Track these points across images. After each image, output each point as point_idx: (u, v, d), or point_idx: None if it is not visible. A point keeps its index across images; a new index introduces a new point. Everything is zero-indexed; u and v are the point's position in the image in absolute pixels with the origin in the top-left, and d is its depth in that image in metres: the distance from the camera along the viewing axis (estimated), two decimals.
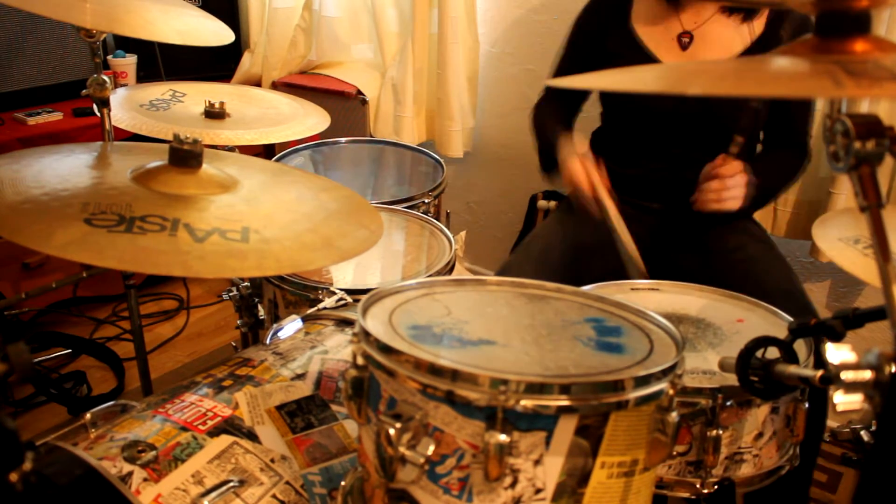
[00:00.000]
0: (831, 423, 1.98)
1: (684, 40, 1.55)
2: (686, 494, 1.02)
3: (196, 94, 1.65)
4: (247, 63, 2.80)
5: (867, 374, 0.62)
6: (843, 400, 0.63)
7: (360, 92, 2.54)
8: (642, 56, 1.59)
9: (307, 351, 1.05)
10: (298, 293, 1.33)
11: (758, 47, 1.50)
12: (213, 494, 0.81)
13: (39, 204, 0.88)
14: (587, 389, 0.66)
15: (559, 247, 1.58)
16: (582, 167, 1.47)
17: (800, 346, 1.03)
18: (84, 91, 1.44)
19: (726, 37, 1.53)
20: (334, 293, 1.25)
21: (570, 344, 0.76)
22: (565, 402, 0.65)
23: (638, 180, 1.66)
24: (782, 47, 0.68)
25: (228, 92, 1.72)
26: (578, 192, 1.47)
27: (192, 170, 1.00)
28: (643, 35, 1.60)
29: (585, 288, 1.17)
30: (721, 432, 0.99)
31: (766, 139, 1.62)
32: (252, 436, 0.89)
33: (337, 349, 1.06)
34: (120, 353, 2.24)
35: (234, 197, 1.00)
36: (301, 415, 0.94)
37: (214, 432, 0.88)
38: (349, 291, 1.26)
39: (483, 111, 2.55)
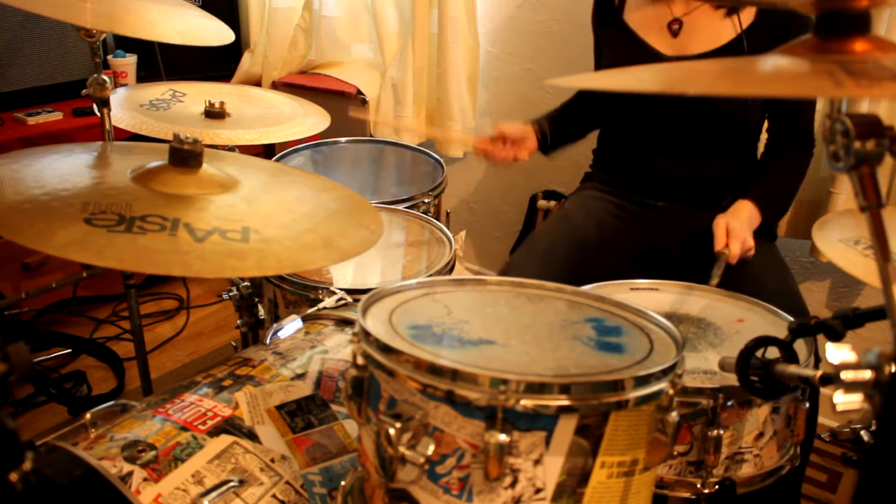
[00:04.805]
0: (831, 423, 1.98)
1: (674, 27, 1.58)
2: (686, 494, 1.02)
3: (196, 94, 1.65)
4: (247, 63, 2.80)
5: (867, 374, 0.62)
6: (843, 400, 0.63)
7: (360, 92, 2.54)
8: (635, 44, 1.61)
9: (307, 351, 1.05)
10: (298, 293, 1.33)
11: (745, 38, 1.51)
12: (213, 494, 0.81)
13: (39, 204, 0.88)
14: (587, 389, 0.66)
15: (562, 245, 1.59)
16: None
17: (800, 346, 1.03)
18: (84, 91, 1.44)
19: (714, 26, 1.55)
20: (334, 293, 1.25)
21: (570, 344, 0.76)
22: (565, 402, 0.65)
23: (642, 178, 1.66)
24: (782, 47, 0.68)
25: (228, 92, 1.72)
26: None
27: (192, 170, 1.00)
28: (634, 24, 1.63)
29: (585, 288, 1.17)
30: (722, 432, 0.99)
31: (770, 134, 1.63)
32: (252, 436, 0.89)
33: (337, 349, 1.06)
34: (120, 353, 2.24)
35: (234, 197, 1.00)
36: (301, 415, 0.94)
37: (214, 432, 0.88)
38: (349, 291, 1.26)
39: (483, 111, 2.55)
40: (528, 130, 1.70)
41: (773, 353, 0.90)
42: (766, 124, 1.64)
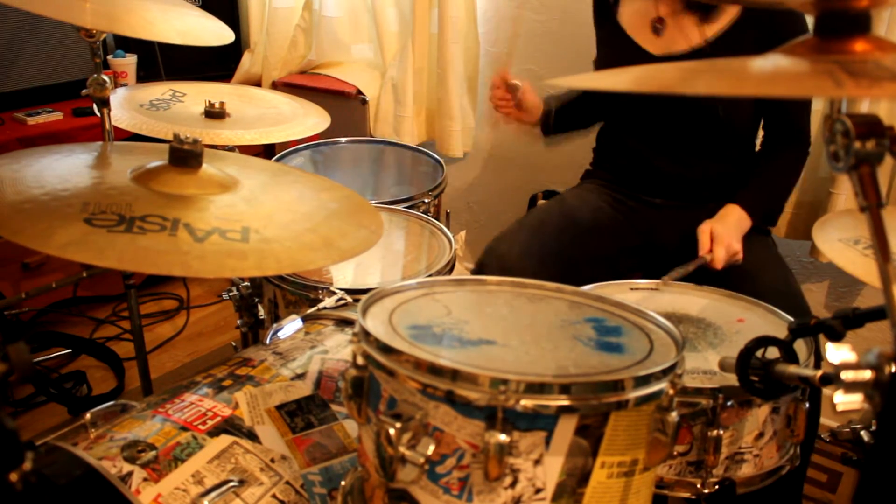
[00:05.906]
0: (831, 423, 1.98)
1: (657, 26, 1.59)
2: (686, 494, 1.02)
3: (196, 94, 1.65)
4: (247, 63, 2.80)
5: (867, 374, 0.62)
6: (843, 400, 0.63)
7: (360, 92, 2.54)
8: (624, 42, 1.62)
9: (307, 351, 1.05)
10: (298, 293, 1.33)
11: (709, 49, 1.53)
12: (213, 494, 0.81)
13: (39, 204, 0.88)
14: (587, 389, 0.66)
15: (555, 220, 1.61)
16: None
17: (800, 346, 1.04)
18: (84, 91, 1.44)
19: (686, 30, 1.56)
20: (334, 293, 1.25)
21: (570, 344, 0.76)
22: (565, 402, 0.65)
23: (641, 175, 1.66)
24: (782, 47, 0.68)
25: (228, 92, 1.72)
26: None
27: (192, 170, 1.00)
28: (626, 22, 1.64)
29: (585, 288, 1.17)
30: (722, 432, 0.99)
31: (766, 133, 1.63)
32: (252, 436, 0.89)
33: (337, 349, 1.06)
34: (120, 353, 2.24)
35: (234, 197, 1.00)
36: (301, 415, 0.94)
37: (214, 432, 0.88)
38: (349, 291, 1.26)
39: (483, 111, 2.55)
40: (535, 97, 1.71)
41: (773, 353, 0.90)
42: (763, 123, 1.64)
